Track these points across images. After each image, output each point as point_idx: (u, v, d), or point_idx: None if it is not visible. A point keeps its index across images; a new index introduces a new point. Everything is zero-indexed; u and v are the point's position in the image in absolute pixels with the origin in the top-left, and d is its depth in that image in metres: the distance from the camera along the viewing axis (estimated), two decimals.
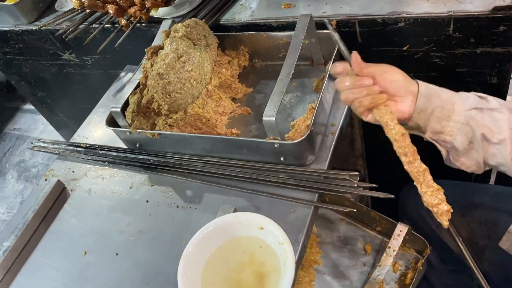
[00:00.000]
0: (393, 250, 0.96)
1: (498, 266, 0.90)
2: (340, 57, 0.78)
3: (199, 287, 0.74)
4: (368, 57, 0.77)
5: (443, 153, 0.77)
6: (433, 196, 0.71)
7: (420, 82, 0.75)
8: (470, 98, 0.73)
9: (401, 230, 0.97)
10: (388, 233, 1.02)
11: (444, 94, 0.73)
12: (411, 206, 1.07)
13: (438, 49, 0.97)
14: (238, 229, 0.79)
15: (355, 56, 0.73)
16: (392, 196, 0.79)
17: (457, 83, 1.01)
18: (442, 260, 1.03)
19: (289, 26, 1.04)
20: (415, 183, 0.72)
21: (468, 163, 0.75)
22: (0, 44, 1.54)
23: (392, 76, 0.74)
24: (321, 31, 0.97)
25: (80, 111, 1.26)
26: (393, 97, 0.74)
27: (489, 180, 1.26)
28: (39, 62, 1.56)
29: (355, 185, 0.82)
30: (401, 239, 0.96)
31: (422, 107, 0.73)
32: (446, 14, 0.90)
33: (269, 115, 0.81)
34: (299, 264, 0.81)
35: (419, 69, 1.01)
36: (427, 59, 0.99)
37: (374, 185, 0.82)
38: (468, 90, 0.77)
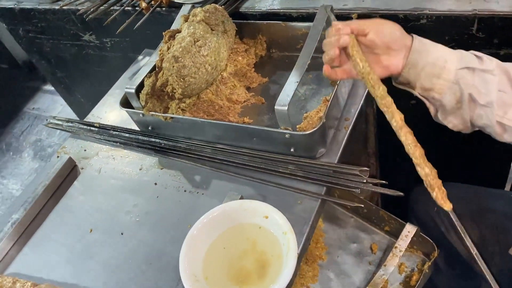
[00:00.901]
0: (400, 251, 0.95)
1: (506, 273, 0.88)
2: None
3: (200, 271, 0.74)
4: None
5: (432, 110, 0.75)
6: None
7: (414, 36, 0.72)
8: (464, 57, 0.70)
9: (409, 230, 0.96)
10: (396, 234, 1.01)
11: (438, 51, 0.71)
12: (420, 208, 1.05)
13: (460, 48, 0.94)
14: (243, 216, 0.79)
15: (334, 22, 0.73)
16: (401, 194, 0.78)
17: None
18: (449, 264, 1.01)
19: (309, 17, 1.03)
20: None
21: (455, 122, 0.73)
22: (23, 22, 1.57)
23: (388, 28, 0.71)
24: None
25: (97, 93, 1.27)
26: (388, 50, 0.71)
27: (504, 186, 1.23)
28: (59, 42, 1.58)
29: (365, 181, 0.81)
30: (408, 239, 0.95)
31: (414, 62, 0.71)
32: (470, 13, 0.88)
33: (281, 104, 0.80)
34: (302, 256, 0.80)
35: None
36: None
37: (384, 181, 0.80)
38: None
